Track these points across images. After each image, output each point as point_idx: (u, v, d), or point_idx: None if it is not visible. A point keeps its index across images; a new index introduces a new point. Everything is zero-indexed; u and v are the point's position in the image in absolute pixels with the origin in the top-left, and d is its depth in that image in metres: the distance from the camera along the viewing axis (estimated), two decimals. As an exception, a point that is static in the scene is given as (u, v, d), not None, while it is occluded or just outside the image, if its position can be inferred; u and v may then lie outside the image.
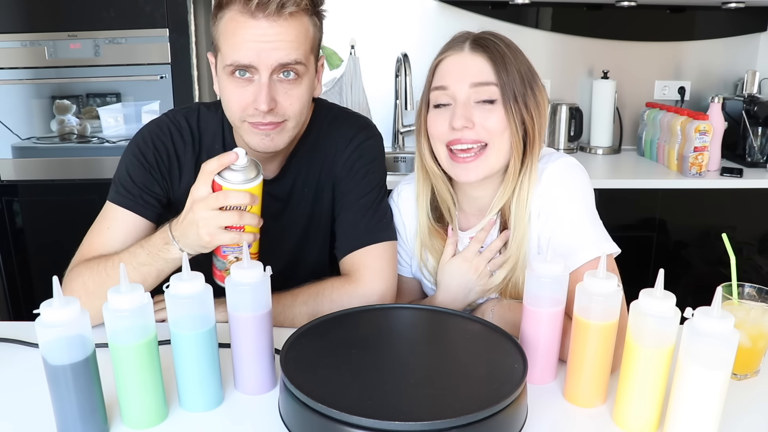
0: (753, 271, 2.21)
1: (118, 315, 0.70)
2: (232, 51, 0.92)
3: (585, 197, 0.99)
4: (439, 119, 0.97)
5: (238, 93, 0.94)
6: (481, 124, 0.94)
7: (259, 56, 0.91)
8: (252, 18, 0.89)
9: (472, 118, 0.94)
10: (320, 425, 0.67)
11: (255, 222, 0.88)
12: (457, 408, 0.66)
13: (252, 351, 0.80)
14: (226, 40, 0.92)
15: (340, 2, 2.38)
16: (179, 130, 1.07)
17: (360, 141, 1.09)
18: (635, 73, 2.54)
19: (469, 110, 0.94)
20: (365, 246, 1.04)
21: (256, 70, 0.92)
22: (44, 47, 1.99)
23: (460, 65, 0.96)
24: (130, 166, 1.04)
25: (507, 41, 0.98)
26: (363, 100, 2.43)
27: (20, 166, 2.10)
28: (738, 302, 0.87)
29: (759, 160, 2.26)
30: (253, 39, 0.90)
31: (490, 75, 0.94)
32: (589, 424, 0.78)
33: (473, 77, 0.94)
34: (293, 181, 1.09)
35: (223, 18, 0.93)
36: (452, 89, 0.95)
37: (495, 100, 0.94)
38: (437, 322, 0.90)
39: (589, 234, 0.96)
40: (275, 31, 0.90)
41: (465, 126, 0.94)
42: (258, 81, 0.92)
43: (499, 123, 0.94)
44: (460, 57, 0.96)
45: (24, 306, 2.20)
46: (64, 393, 0.69)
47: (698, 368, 0.67)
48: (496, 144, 0.95)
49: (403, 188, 1.13)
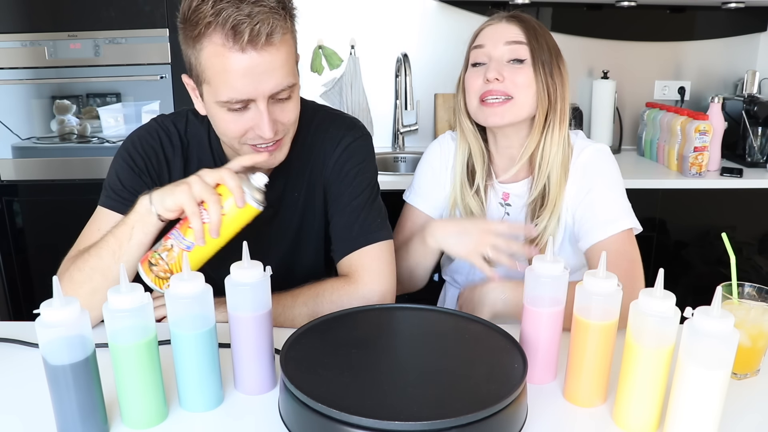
0: (753, 271, 2.21)
1: (118, 315, 0.70)
2: (224, 87, 0.88)
3: (620, 177, 1.15)
4: (475, 75, 1.12)
5: (236, 122, 0.92)
6: (510, 79, 1.09)
7: (256, 89, 0.88)
8: (241, 52, 0.85)
9: (503, 72, 1.09)
10: (320, 425, 0.67)
11: (214, 226, 0.85)
12: (457, 408, 0.66)
13: (252, 351, 0.80)
14: (215, 75, 0.88)
15: (340, 2, 2.38)
16: (168, 135, 1.07)
17: (348, 142, 1.08)
18: (635, 73, 2.54)
19: (501, 66, 1.09)
20: (361, 247, 1.04)
21: (253, 100, 0.90)
22: (44, 47, 1.99)
23: (497, 29, 1.12)
24: (119, 170, 1.05)
25: (536, 22, 1.14)
26: (363, 100, 2.43)
27: (20, 166, 2.10)
28: (738, 302, 0.87)
29: (759, 160, 2.26)
30: (246, 73, 0.86)
31: (523, 37, 1.10)
32: (589, 424, 0.78)
33: (508, 36, 1.10)
34: (283, 186, 1.09)
35: (203, 50, 0.87)
36: (488, 47, 1.11)
37: (525, 59, 1.09)
38: (437, 322, 0.90)
39: (625, 208, 1.11)
40: (266, 60, 0.87)
41: (496, 78, 1.08)
42: (255, 108, 0.90)
43: (526, 79, 1.09)
44: (498, 24, 1.13)
45: (24, 306, 2.20)
46: (64, 393, 0.69)
47: (698, 368, 0.67)
48: (521, 97, 1.09)
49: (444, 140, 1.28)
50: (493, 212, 1.21)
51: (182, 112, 1.11)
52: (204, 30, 0.86)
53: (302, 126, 1.09)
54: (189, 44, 0.90)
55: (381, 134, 2.48)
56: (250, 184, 0.88)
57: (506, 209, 1.20)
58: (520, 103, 1.09)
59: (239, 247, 0.79)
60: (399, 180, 2.10)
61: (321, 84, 2.46)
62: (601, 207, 1.10)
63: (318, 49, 2.41)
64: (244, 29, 0.83)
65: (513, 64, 1.09)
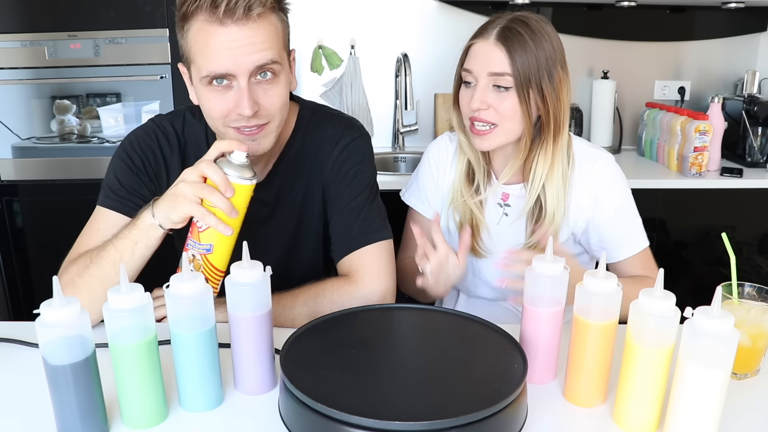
0: (753, 271, 2.21)
1: (118, 315, 0.70)
2: (206, 61, 0.90)
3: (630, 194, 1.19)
4: (465, 96, 1.13)
5: (218, 101, 0.93)
6: (495, 107, 1.09)
7: (235, 62, 0.90)
8: (221, 26, 0.88)
9: (487, 101, 1.09)
10: (320, 425, 0.67)
11: (227, 208, 0.86)
12: (457, 408, 0.66)
13: (252, 351, 0.80)
14: (199, 51, 0.91)
15: (340, 2, 2.38)
16: (165, 135, 1.08)
17: (347, 142, 1.08)
18: (635, 73, 2.54)
19: (486, 93, 1.09)
20: (361, 247, 1.04)
21: (233, 76, 0.91)
22: (44, 47, 1.99)
23: (484, 53, 1.09)
24: (117, 170, 1.05)
25: (534, 27, 1.08)
26: (363, 100, 2.43)
27: (20, 166, 2.10)
28: (738, 302, 0.87)
29: (759, 160, 2.26)
30: (225, 46, 0.89)
31: (506, 66, 1.07)
32: (589, 424, 0.78)
33: (492, 67, 1.08)
34: (281, 186, 1.09)
35: (190, 29, 0.91)
36: (475, 73, 1.10)
37: (509, 87, 1.08)
38: (437, 322, 0.90)
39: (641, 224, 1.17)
40: (246, 35, 0.89)
41: (480, 108, 1.09)
42: (237, 86, 0.92)
43: (510, 107, 1.09)
44: (485, 45, 1.09)
45: (24, 306, 2.20)
46: (64, 393, 0.69)
47: (698, 368, 0.67)
48: (506, 125, 1.10)
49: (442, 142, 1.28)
50: (492, 214, 1.21)
51: (179, 111, 1.11)
52: (189, 10, 0.90)
53: (300, 125, 1.09)
54: (180, 30, 0.94)
55: (381, 134, 2.47)
56: (232, 164, 0.89)
57: (504, 210, 1.20)
58: (505, 130, 1.10)
59: (239, 247, 0.79)
60: (399, 180, 2.10)
61: (321, 84, 2.45)
62: (623, 225, 1.16)
63: (318, 49, 2.41)
64: (220, 2, 0.87)
65: (497, 90, 1.08)
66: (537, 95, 1.08)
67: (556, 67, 1.09)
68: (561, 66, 1.10)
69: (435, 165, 1.27)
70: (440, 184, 1.26)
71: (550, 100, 1.09)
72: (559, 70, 1.10)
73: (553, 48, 1.09)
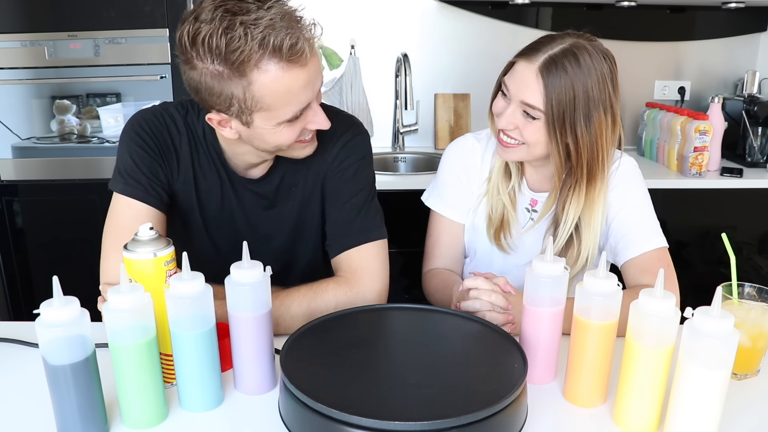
0: (753, 271, 2.21)
1: (118, 315, 0.70)
2: (290, 106, 0.89)
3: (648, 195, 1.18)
4: (497, 108, 1.11)
5: (292, 130, 0.94)
6: (521, 130, 1.07)
7: (314, 92, 0.92)
8: (299, 67, 0.87)
9: (515, 122, 1.07)
10: (320, 425, 0.67)
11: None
12: (457, 408, 0.66)
13: (252, 351, 0.80)
14: (278, 99, 0.88)
15: (340, 2, 2.38)
16: (174, 121, 1.04)
17: (347, 139, 1.08)
18: (635, 73, 2.54)
19: (515, 116, 1.07)
20: (360, 245, 1.04)
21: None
22: (44, 47, 1.99)
23: (522, 78, 1.04)
24: (132, 152, 0.99)
25: (584, 64, 1.01)
26: (363, 100, 2.43)
27: (20, 166, 2.10)
28: (738, 302, 0.87)
29: (759, 160, 2.26)
30: (306, 84, 0.89)
31: (539, 101, 1.03)
32: (589, 424, 0.78)
33: (525, 96, 1.04)
34: (280, 180, 1.09)
35: (256, 81, 0.85)
36: (511, 93, 1.07)
37: (539, 118, 1.05)
38: (437, 322, 0.90)
39: (657, 227, 1.15)
40: (314, 65, 0.90)
41: (507, 127, 1.08)
42: (309, 109, 0.93)
43: (536, 135, 1.06)
44: (527, 70, 1.04)
45: (24, 306, 2.20)
46: (64, 393, 0.69)
47: (698, 368, 0.67)
48: (533, 145, 1.08)
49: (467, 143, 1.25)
50: (519, 216, 1.21)
51: (179, 101, 1.08)
52: (252, 62, 0.84)
53: None
54: (230, 80, 0.86)
55: (381, 134, 2.47)
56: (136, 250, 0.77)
57: (531, 215, 1.20)
58: (531, 150, 1.09)
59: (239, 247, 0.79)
60: (399, 180, 2.10)
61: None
62: (641, 222, 1.14)
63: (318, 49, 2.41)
64: (298, 48, 0.85)
65: (526, 116, 1.05)
66: (570, 136, 1.04)
67: (598, 111, 1.03)
68: (604, 110, 1.04)
69: (462, 165, 1.23)
70: (470, 181, 1.23)
71: (583, 143, 1.04)
72: (601, 114, 1.04)
73: (599, 90, 1.02)
